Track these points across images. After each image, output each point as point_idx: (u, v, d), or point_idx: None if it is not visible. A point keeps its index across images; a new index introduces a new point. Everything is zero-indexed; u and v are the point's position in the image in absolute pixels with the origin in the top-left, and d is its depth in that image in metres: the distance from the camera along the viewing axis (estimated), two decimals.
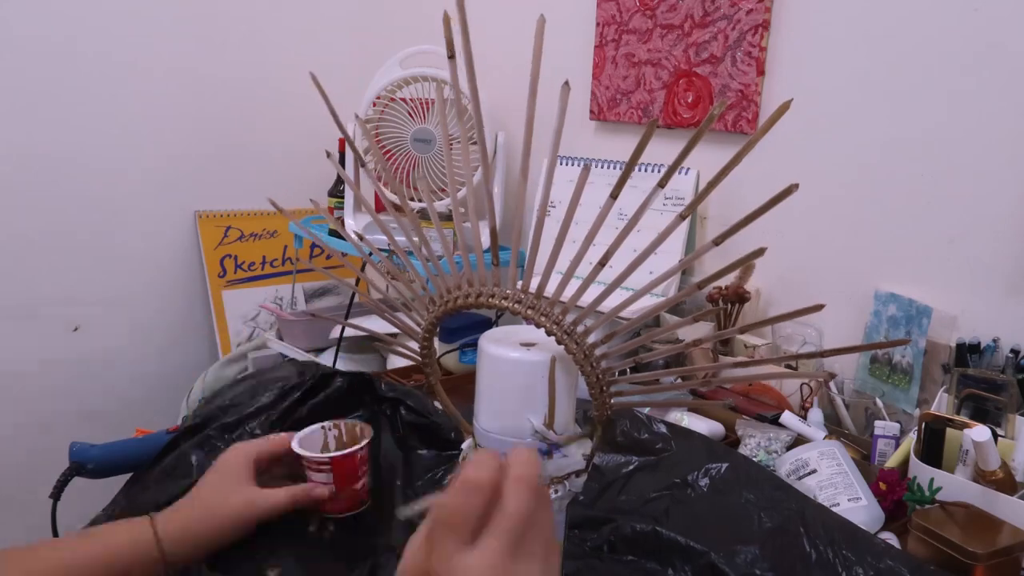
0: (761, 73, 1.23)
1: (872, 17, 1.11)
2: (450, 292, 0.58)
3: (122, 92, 1.61)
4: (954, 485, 0.80)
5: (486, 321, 1.40)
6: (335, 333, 1.52)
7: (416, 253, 0.61)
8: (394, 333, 0.82)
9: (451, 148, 1.46)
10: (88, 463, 0.86)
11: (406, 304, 0.62)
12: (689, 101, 1.33)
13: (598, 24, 1.45)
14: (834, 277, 1.19)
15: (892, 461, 0.93)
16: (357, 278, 1.61)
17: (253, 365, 1.59)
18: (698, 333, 1.21)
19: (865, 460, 0.98)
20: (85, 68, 1.56)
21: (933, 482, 0.81)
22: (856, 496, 0.82)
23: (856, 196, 1.15)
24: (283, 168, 1.85)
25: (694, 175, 1.29)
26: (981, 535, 0.72)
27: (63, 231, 1.59)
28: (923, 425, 0.87)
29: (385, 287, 0.68)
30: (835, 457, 0.87)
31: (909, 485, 0.82)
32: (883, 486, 0.84)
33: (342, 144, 1.58)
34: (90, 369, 1.68)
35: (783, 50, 1.21)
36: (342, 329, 1.48)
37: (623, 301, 0.54)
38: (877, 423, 1.00)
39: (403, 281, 0.62)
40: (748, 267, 1.23)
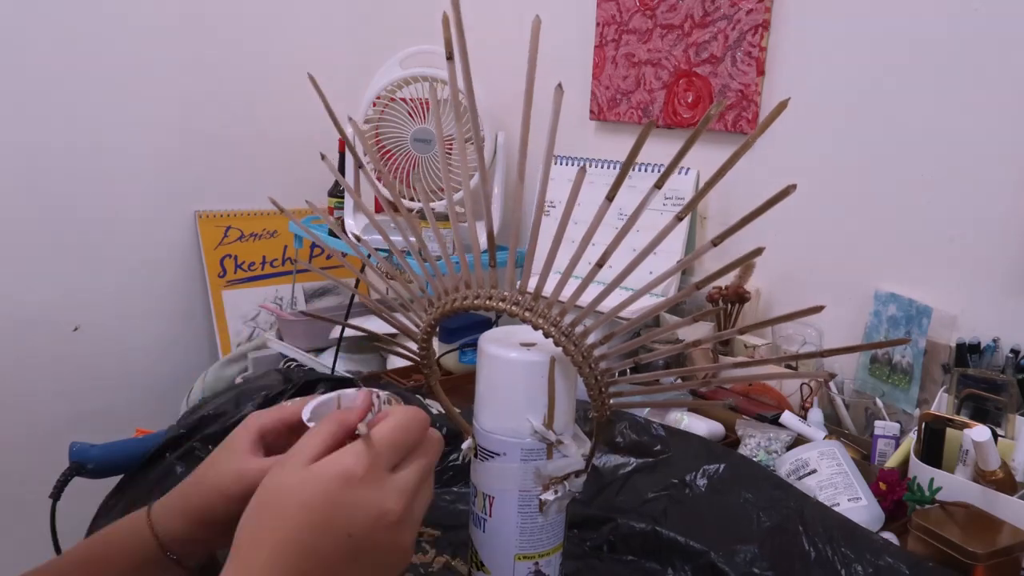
0: (761, 73, 1.23)
1: (872, 17, 1.11)
2: (448, 294, 0.58)
3: (122, 92, 1.61)
4: (954, 485, 0.80)
5: (486, 321, 1.40)
6: (335, 333, 1.52)
7: (414, 255, 0.61)
8: (393, 334, 0.82)
9: (451, 149, 1.46)
10: (88, 463, 0.86)
11: (404, 305, 0.62)
12: (689, 101, 1.33)
13: (598, 24, 1.45)
14: (834, 277, 1.19)
15: (892, 461, 0.93)
16: (357, 279, 1.61)
17: (253, 365, 1.59)
18: (698, 333, 1.21)
19: (865, 460, 0.98)
20: (85, 68, 1.56)
21: (933, 482, 0.81)
22: (856, 496, 0.82)
23: (856, 196, 1.15)
24: (283, 168, 1.85)
25: (694, 175, 1.29)
26: (981, 535, 0.72)
27: (63, 231, 1.59)
28: (923, 425, 0.87)
29: (384, 288, 0.68)
30: (835, 457, 0.87)
31: (909, 485, 0.82)
32: (883, 486, 0.84)
33: (342, 145, 1.58)
34: (90, 369, 1.68)
35: (783, 50, 1.21)
36: (342, 329, 1.48)
37: (622, 301, 0.54)
38: (877, 423, 1.00)
39: (401, 282, 0.62)
40: (748, 267, 1.23)
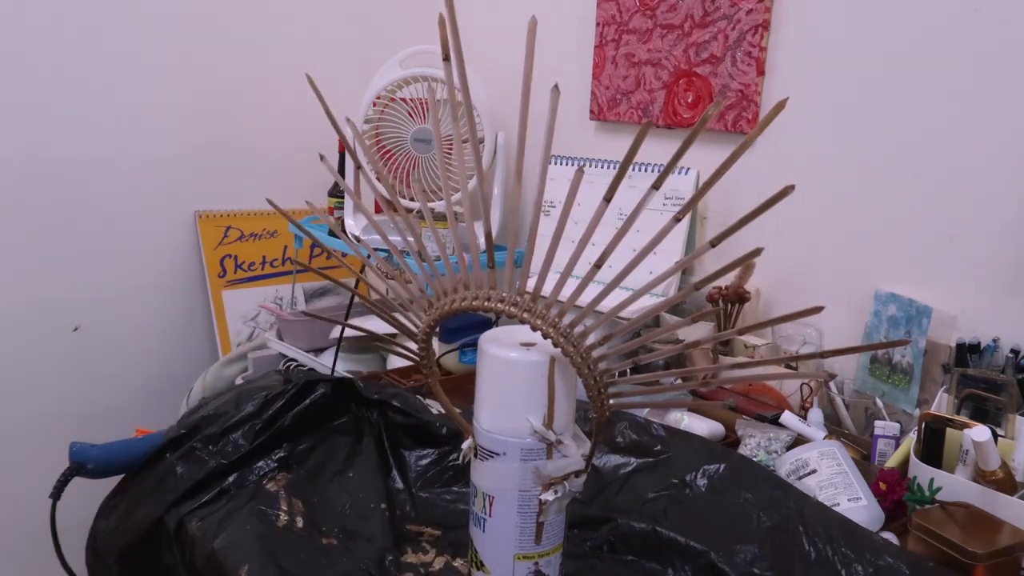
0: (761, 73, 1.23)
1: (872, 17, 1.11)
2: (447, 295, 0.58)
3: (122, 92, 1.61)
4: (954, 485, 0.80)
5: (486, 321, 1.40)
6: (335, 333, 1.52)
7: (413, 256, 0.61)
8: (393, 334, 0.82)
9: (451, 149, 1.46)
10: (88, 463, 0.86)
11: (403, 305, 0.62)
12: (689, 101, 1.33)
13: (598, 24, 1.44)
14: (834, 277, 1.19)
15: (892, 461, 0.93)
16: (356, 279, 1.61)
17: (253, 365, 1.59)
18: (698, 333, 1.21)
19: (865, 460, 0.98)
20: (85, 68, 1.56)
21: (933, 482, 0.80)
22: (856, 496, 0.82)
23: (856, 196, 1.15)
24: (283, 168, 1.85)
25: (694, 175, 1.29)
26: (981, 535, 0.72)
27: (63, 231, 1.59)
28: (923, 425, 0.87)
29: (384, 288, 0.68)
30: (835, 457, 0.87)
31: (909, 485, 0.82)
32: (883, 486, 0.84)
33: (342, 145, 1.58)
34: (90, 369, 1.68)
35: (783, 50, 1.21)
36: (342, 329, 1.48)
37: (622, 301, 0.54)
38: (877, 423, 1.00)
39: (401, 282, 0.62)
40: (748, 267, 1.23)
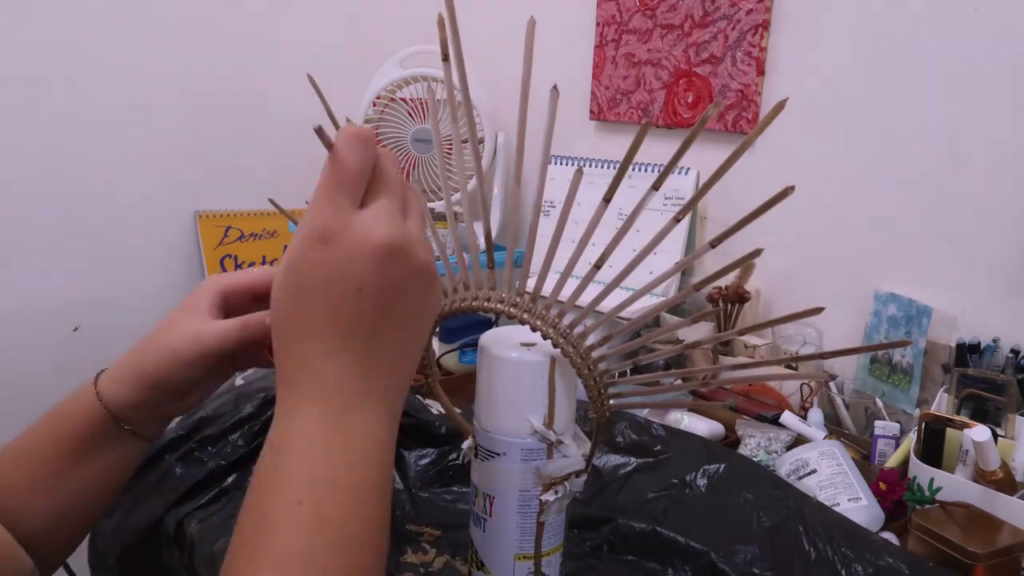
0: (761, 73, 1.23)
1: (872, 17, 1.11)
2: (446, 295, 0.58)
3: (122, 92, 1.61)
4: (954, 485, 0.80)
5: (486, 321, 1.39)
6: None
7: None
8: None
9: (451, 149, 1.46)
10: None
11: None
12: (689, 101, 1.33)
13: (598, 24, 1.44)
14: (834, 277, 1.19)
15: (892, 461, 0.93)
16: None
17: None
18: (698, 334, 1.21)
19: (865, 460, 0.98)
20: (84, 68, 1.56)
21: (933, 482, 0.80)
22: (856, 496, 0.82)
23: (856, 196, 1.15)
24: (283, 168, 1.84)
25: (694, 175, 1.29)
26: (981, 535, 0.72)
27: (63, 231, 1.59)
28: (923, 425, 0.87)
29: None
30: (835, 457, 0.87)
31: (909, 485, 0.82)
32: (883, 486, 0.84)
33: None
34: (90, 369, 1.67)
35: (783, 50, 1.21)
36: None
37: (622, 302, 0.54)
38: (877, 423, 1.00)
39: None
40: (748, 267, 1.23)
